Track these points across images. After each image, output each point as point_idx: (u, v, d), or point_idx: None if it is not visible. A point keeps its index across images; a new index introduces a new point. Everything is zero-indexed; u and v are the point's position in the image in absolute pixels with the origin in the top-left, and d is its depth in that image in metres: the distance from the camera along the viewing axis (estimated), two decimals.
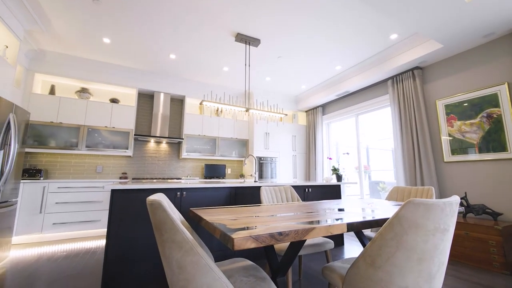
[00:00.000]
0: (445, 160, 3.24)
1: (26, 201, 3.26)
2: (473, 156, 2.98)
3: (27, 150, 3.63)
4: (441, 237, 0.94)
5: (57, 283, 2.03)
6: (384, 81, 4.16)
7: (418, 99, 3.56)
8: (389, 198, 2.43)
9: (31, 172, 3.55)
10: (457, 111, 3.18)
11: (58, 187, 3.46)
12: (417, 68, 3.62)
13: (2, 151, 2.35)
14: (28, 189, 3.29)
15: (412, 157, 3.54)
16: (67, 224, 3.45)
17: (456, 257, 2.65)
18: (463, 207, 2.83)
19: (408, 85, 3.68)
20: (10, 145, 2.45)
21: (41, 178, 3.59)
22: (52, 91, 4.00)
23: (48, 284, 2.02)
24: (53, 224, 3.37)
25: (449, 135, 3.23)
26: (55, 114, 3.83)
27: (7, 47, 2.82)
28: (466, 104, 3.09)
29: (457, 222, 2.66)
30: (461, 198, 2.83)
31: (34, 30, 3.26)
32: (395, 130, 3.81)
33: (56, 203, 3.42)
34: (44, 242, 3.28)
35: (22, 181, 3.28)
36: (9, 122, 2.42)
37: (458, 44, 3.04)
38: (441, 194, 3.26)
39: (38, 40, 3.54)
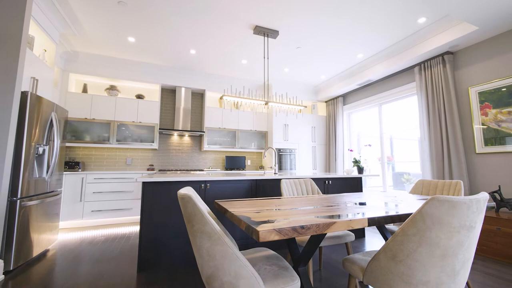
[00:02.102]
0: (477, 152, 3.05)
1: (68, 191, 3.62)
2: (510, 147, 2.77)
3: (66, 144, 3.99)
4: (466, 234, 0.94)
5: (100, 264, 2.28)
6: (410, 68, 3.93)
7: (448, 87, 3.34)
8: (413, 191, 2.37)
9: (71, 165, 3.90)
10: (492, 99, 2.95)
11: (95, 178, 3.79)
12: (447, 53, 3.37)
13: (47, 146, 2.62)
14: (69, 180, 3.64)
15: (440, 148, 3.36)
16: (103, 211, 3.79)
17: (486, 253, 2.54)
18: (495, 202, 2.67)
19: (437, 72, 3.45)
20: (53, 141, 2.72)
21: (80, 170, 3.94)
22: (85, 90, 4.30)
23: (92, 264, 2.28)
24: (92, 211, 3.72)
25: (483, 125, 3.02)
26: (88, 111, 4.14)
27: (45, 50, 3.07)
28: (504, 90, 2.85)
29: (488, 217, 2.54)
30: (494, 192, 2.68)
31: (67, 33, 3.50)
32: (422, 120, 3.63)
33: (93, 192, 3.76)
34: (85, 227, 3.64)
35: (64, 173, 3.64)
36: (51, 120, 2.67)
37: (494, 26, 2.78)
38: (471, 188, 3.09)
39: (71, 42, 3.80)
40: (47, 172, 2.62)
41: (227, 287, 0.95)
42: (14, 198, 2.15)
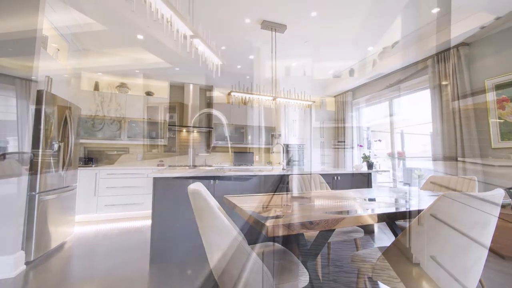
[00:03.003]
0: (492, 147, 2.95)
1: (83, 186, 3.75)
2: None
3: (80, 141, 4.11)
4: (479, 232, 0.92)
5: (114, 256, 2.37)
6: (423, 60, 3.80)
7: (463, 79, 3.21)
8: (425, 187, 2.32)
9: (85, 160, 4.03)
10: (510, 92, 2.82)
11: (107, 174, 3.90)
12: (463, 44, 3.24)
13: (62, 143, 2.71)
14: (83, 175, 3.77)
15: (454, 142, 3.27)
16: (116, 206, 3.91)
17: (502, 250, 2.47)
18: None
19: (452, 64, 3.33)
20: (68, 137, 2.82)
21: (93, 166, 4.07)
22: (96, 87, 4.40)
23: (107, 256, 2.37)
24: (105, 205, 3.85)
25: (499, 119, 2.90)
26: (100, 108, 4.24)
27: (58, 50, 3.15)
28: None
29: (505, 213, 2.46)
30: (510, 188, 2.59)
31: (79, 32, 3.57)
32: (434, 114, 3.52)
33: (107, 187, 3.88)
34: (99, 221, 3.77)
35: (78, 168, 3.76)
36: (66, 118, 2.76)
37: None
38: (486, 184, 3.00)
39: (82, 41, 3.88)
40: (62, 168, 2.72)
41: (237, 280, 0.97)
42: (33, 193, 2.25)
